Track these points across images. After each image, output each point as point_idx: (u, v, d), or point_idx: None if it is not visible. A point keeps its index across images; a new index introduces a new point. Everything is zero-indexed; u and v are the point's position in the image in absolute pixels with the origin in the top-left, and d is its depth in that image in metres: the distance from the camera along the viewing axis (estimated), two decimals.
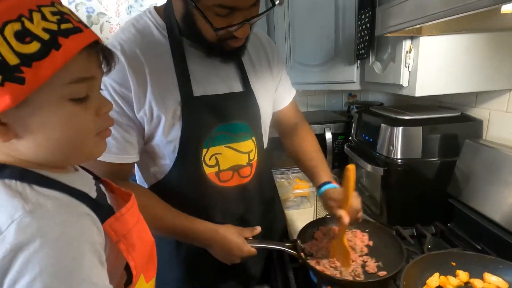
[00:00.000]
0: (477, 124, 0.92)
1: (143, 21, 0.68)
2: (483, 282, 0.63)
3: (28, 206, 0.33)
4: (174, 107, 0.66)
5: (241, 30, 0.60)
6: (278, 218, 0.93)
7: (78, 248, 0.34)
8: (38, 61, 0.32)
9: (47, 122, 0.35)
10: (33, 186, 0.35)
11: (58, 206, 0.35)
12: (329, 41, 1.18)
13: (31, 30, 0.32)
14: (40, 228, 0.32)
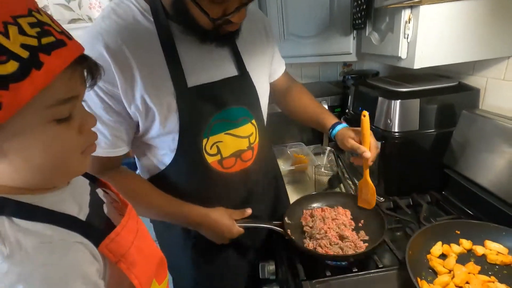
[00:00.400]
0: (474, 93, 0.92)
1: (124, 5, 0.62)
2: (484, 249, 0.66)
3: (6, 249, 0.30)
4: (169, 99, 0.63)
5: (237, 15, 0.57)
6: (281, 198, 0.96)
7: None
8: (16, 83, 0.28)
9: (26, 146, 0.33)
10: (12, 219, 0.32)
11: (40, 245, 0.32)
12: (323, 10, 1.13)
13: (7, 47, 0.28)
14: (20, 275, 0.30)
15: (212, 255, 0.82)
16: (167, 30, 0.62)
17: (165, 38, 0.62)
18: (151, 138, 0.68)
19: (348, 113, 1.23)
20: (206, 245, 0.80)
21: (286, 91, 0.94)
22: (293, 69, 1.71)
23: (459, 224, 0.71)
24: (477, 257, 0.65)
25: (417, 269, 0.63)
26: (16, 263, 0.30)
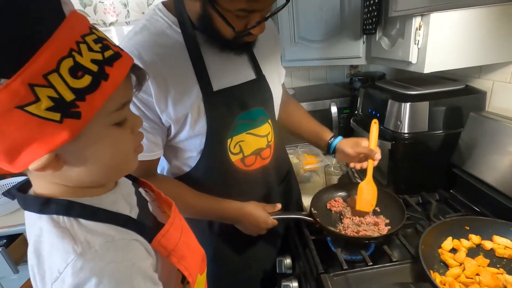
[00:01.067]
0: (481, 95, 0.96)
1: (154, 20, 0.67)
2: (493, 243, 0.70)
3: (79, 248, 0.34)
4: (198, 103, 0.68)
5: (258, 28, 0.62)
6: (294, 190, 1.00)
7: (130, 282, 0.36)
8: (90, 94, 0.32)
9: (97, 150, 0.37)
10: (79, 221, 0.36)
11: (105, 244, 0.36)
12: (334, 15, 1.17)
13: (81, 63, 0.32)
14: (92, 269, 0.34)
15: (232, 251, 0.86)
16: (194, 39, 0.67)
17: (192, 47, 0.67)
18: (180, 141, 0.72)
19: (357, 115, 1.27)
20: (227, 242, 0.84)
21: (283, 104, 0.96)
22: (301, 71, 1.75)
23: (468, 220, 0.75)
24: (486, 251, 0.70)
25: (430, 262, 0.67)
26: (88, 260, 0.34)
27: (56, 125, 0.31)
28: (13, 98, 0.29)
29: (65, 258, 0.34)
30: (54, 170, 0.35)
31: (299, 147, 1.39)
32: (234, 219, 0.78)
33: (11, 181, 1.41)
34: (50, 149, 0.32)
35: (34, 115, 0.30)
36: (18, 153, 0.32)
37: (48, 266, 0.35)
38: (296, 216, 0.87)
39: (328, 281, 0.68)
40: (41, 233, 0.36)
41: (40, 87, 0.30)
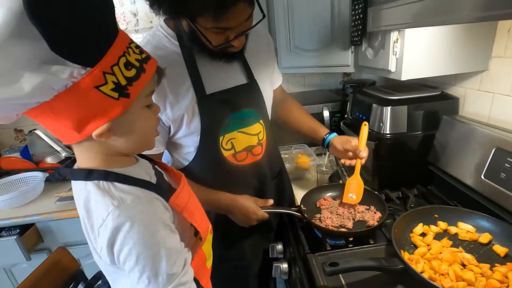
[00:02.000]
0: (454, 101, 1.07)
1: (157, 36, 0.79)
2: (457, 229, 0.80)
3: (115, 202, 0.47)
4: (192, 105, 0.78)
5: (237, 41, 0.71)
6: (286, 187, 1.10)
7: (154, 227, 0.48)
8: (135, 81, 0.46)
9: (136, 124, 0.50)
10: (114, 184, 0.49)
11: (135, 199, 0.48)
12: (325, 28, 1.29)
13: (130, 60, 0.45)
14: (126, 216, 0.46)
15: (229, 239, 0.96)
16: (189, 50, 0.78)
17: (187, 57, 0.78)
18: (178, 138, 0.83)
19: (347, 118, 1.38)
20: (224, 230, 0.94)
21: (280, 102, 1.08)
22: (298, 78, 1.87)
23: (438, 209, 0.85)
24: (451, 235, 0.80)
25: (401, 244, 0.77)
26: (123, 210, 0.46)
27: (114, 101, 0.44)
28: (94, 80, 0.42)
29: (107, 209, 0.46)
30: (106, 138, 0.47)
31: (293, 148, 1.50)
32: (227, 209, 0.88)
33: (25, 176, 1.51)
34: (108, 119, 0.45)
35: (103, 93, 0.43)
36: (87, 123, 0.44)
37: (95, 216, 0.47)
38: (286, 210, 0.95)
39: (313, 259, 0.78)
40: (89, 195, 0.48)
41: (108, 74, 0.43)
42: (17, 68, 0.37)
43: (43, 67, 0.38)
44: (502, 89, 0.92)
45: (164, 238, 0.49)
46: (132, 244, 0.46)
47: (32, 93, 0.39)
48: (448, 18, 0.57)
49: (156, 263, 0.48)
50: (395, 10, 0.69)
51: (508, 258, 0.70)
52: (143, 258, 0.47)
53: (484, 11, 0.51)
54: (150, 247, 0.47)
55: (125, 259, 0.47)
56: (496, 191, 0.80)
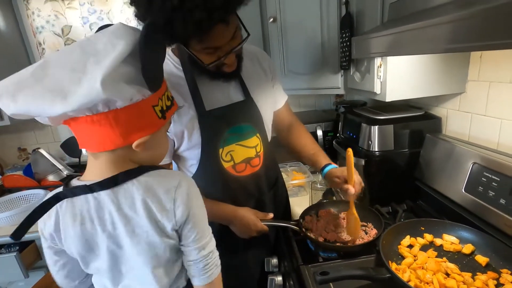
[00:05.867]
0: (437, 121, 1.15)
1: (164, 63, 0.87)
2: (442, 240, 0.85)
3: (176, 173, 0.66)
4: (192, 121, 0.86)
5: (228, 58, 0.79)
6: (283, 196, 1.15)
7: (200, 194, 0.67)
8: (169, 110, 0.61)
9: (159, 142, 0.62)
10: (160, 170, 0.63)
11: (184, 176, 0.65)
12: (317, 53, 1.39)
13: (168, 95, 0.62)
14: (188, 177, 0.65)
15: (229, 250, 0.99)
16: (191, 73, 0.87)
17: (189, 79, 0.87)
18: (182, 151, 0.90)
19: (339, 137, 1.45)
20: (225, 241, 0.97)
21: (288, 128, 1.13)
22: (292, 99, 1.94)
23: (424, 222, 0.90)
24: (436, 246, 0.84)
25: (390, 255, 0.81)
26: (183, 174, 0.67)
27: (157, 120, 0.58)
28: (152, 101, 0.56)
29: (174, 178, 0.62)
30: (141, 149, 0.58)
31: (288, 165, 1.55)
32: (228, 220, 0.92)
33: (27, 193, 1.55)
34: (150, 133, 0.57)
35: (155, 112, 0.57)
36: (134, 132, 0.55)
37: (164, 192, 0.59)
38: (285, 224, 0.99)
39: (305, 270, 0.82)
40: (147, 183, 0.59)
41: (160, 100, 0.58)
42: (122, 80, 0.51)
43: (132, 84, 0.52)
44: (479, 110, 1.00)
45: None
46: (200, 204, 0.66)
47: (125, 98, 0.52)
48: (420, 48, 0.65)
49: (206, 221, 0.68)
50: (375, 41, 0.77)
51: (489, 267, 0.74)
52: (203, 215, 0.67)
53: (450, 43, 0.59)
54: (204, 208, 0.68)
55: (196, 214, 0.64)
56: (476, 204, 0.85)
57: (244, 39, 0.79)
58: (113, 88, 0.49)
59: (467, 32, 0.49)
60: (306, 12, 1.36)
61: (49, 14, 1.63)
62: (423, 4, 0.72)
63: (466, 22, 0.49)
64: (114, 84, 0.49)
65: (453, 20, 0.51)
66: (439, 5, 0.67)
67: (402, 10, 0.83)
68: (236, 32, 0.76)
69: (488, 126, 0.97)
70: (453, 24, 0.52)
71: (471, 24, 0.48)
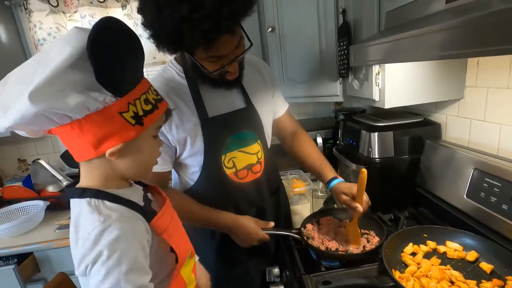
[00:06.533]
0: (436, 127, 1.15)
1: (167, 70, 0.90)
2: (445, 247, 0.84)
3: (102, 217, 0.52)
4: (195, 127, 0.87)
5: (231, 67, 0.80)
6: (284, 204, 1.14)
7: (131, 241, 0.53)
8: (149, 115, 0.55)
9: (142, 149, 0.57)
10: (104, 202, 0.54)
11: (119, 217, 0.53)
12: (315, 61, 1.40)
13: (148, 98, 0.56)
14: (109, 229, 0.51)
15: (229, 260, 0.99)
16: (194, 80, 0.88)
17: (192, 86, 0.88)
18: (184, 158, 0.90)
19: (339, 144, 1.45)
20: (226, 251, 0.97)
21: (291, 136, 1.13)
22: (292, 107, 1.92)
23: (426, 229, 0.89)
24: (440, 254, 0.83)
25: (393, 263, 0.80)
26: (107, 224, 0.52)
27: (130, 126, 0.53)
28: (119, 107, 0.51)
29: (93, 224, 0.52)
30: (116, 158, 0.54)
31: (289, 173, 1.55)
32: (229, 228, 0.92)
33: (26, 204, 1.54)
34: (122, 141, 0.53)
35: (124, 118, 0.52)
36: (104, 141, 0.51)
37: (81, 232, 0.53)
38: (287, 233, 0.98)
39: (308, 280, 0.80)
40: (80, 211, 0.54)
41: (131, 105, 0.53)
42: (68, 89, 0.47)
43: (85, 91, 0.49)
44: (478, 115, 1.00)
45: (136, 256, 0.53)
46: (105, 256, 0.50)
47: (73, 108, 0.48)
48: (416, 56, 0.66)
49: (123, 282, 0.51)
50: (372, 48, 0.78)
51: (494, 275, 0.73)
52: (112, 273, 0.50)
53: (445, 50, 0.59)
54: (121, 264, 0.51)
55: (96, 271, 0.51)
56: (478, 210, 0.85)
57: (247, 48, 0.81)
58: (50, 99, 0.46)
59: (460, 39, 0.50)
60: (304, 21, 1.38)
61: (51, 26, 1.65)
62: (419, 13, 0.73)
63: (460, 30, 0.50)
64: (51, 95, 0.46)
65: (447, 27, 0.52)
66: (434, 13, 0.68)
67: (398, 19, 0.84)
68: (240, 41, 0.77)
69: (488, 131, 0.97)
70: (447, 32, 0.53)
71: (464, 32, 0.49)
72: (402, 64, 1.01)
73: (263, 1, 1.49)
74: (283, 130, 1.14)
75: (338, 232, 0.97)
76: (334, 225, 1.02)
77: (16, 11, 1.69)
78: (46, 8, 1.63)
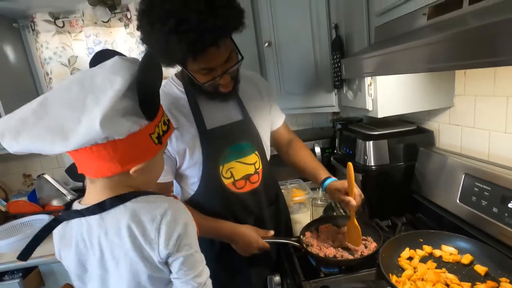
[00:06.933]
0: (430, 134, 1.19)
1: (168, 85, 0.96)
2: (441, 251, 0.86)
3: (164, 202, 0.60)
4: (194, 139, 0.91)
5: (222, 79, 0.84)
6: (283, 213, 1.17)
7: (192, 221, 0.64)
8: (166, 134, 0.63)
9: (156, 165, 0.64)
10: (149, 196, 0.61)
11: (170, 201, 0.62)
12: (310, 74, 1.46)
13: (164, 120, 0.63)
14: (177, 207, 0.62)
15: (230, 269, 1.00)
16: (193, 95, 0.92)
17: (191, 100, 0.93)
18: (184, 169, 0.94)
19: (336, 153, 1.48)
20: (226, 258, 0.99)
21: (287, 145, 1.18)
22: (290, 118, 2.01)
23: (422, 234, 0.91)
24: (435, 257, 0.85)
25: (390, 268, 0.82)
26: (172, 203, 0.61)
27: (154, 146, 0.60)
28: (149, 130, 0.58)
29: (161, 208, 0.59)
30: (138, 174, 0.59)
31: (289, 183, 1.58)
32: (229, 237, 0.94)
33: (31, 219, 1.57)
34: (147, 159, 0.59)
35: (152, 139, 0.59)
36: (132, 160, 0.56)
37: (149, 221, 0.57)
38: (286, 241, 1.01)
39: (307, 286, 0.82)
40: (133, 210, 0.58)
41: (156, 127, 0.60)
42: (120, 116, 0.53)
43: (129, 116, 0.54)
44: (468, 122, 1.04)
45: (194, 232, 0.64)
46: (190, 224, 0.61)
47: (122, 132, 0.54)
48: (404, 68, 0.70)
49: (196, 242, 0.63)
50: (362, 62, 0.82)
51: (488, 277, 0.75)
52: (194, 236, 0.62)
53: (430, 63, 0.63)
54: (194, 228, 0.63)
55: (187, 238, 0.60)
56: (471, 214, 0.87)
57: (237, 62, 0.85)
58: (111, 125, 0.51)
59: (445, 53, 0.54)
60: (299, 36, 1.44)
61: (57, 46, 1.72)
62: (405, 27, 0.78)
63: (443, 44, 0.54)
64: (112, 121, 0.51)
65: (430, 43, 0.56)
66: (419, 28, 0.73)
67: (387, 33, 0.89)
68: (230, 55, 0.82)
69: (478, 137, 1.00)
70: (430, 46, 0.57)
71: (448, 46, 0.53)
72: (391, 77, 1.05)
73: (259, 17, 1.56)
74: (280, 140, 1.18)
75: (337, 238, 1.00)
76: (332, 232, 1.04)
77: (24, 32, 1.77)
78: (53, 29, 1.70)
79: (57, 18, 1.71)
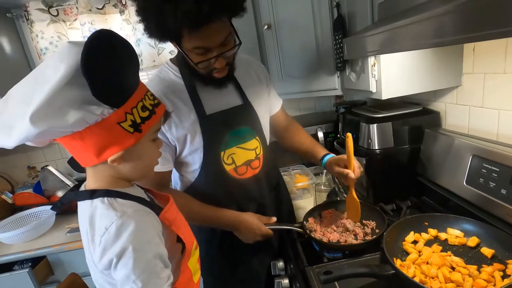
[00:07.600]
0: (436, 115, 1.15)
1: (163, 71, 0.93)
2: (446, 234, 0.84)
3: (118, 213, 0.55)
4: (194, 125, 0.89)
5: (217, 62, 0.82)
6: (285, 199, 1.16)
7: (150, 232, 0.57)
8: (147, 121, 0.57)
9: (143, 153, 0.59)
10: (117, 200, 0.57)
11: (134, 212, 0.57)
12: (312, 56, 1.41)
13: (145, 105, 0.57)
14: (126, 223, 0.54)
15: (234, 256, 1.01)
16: (190, 79, 0.90)
17: (188, 85, 0.90)
18: (184, 156, 0.92)
19: (339, 137, 1.46)
20: (228, 246, 0.99)
21: (285, 129, 1.17)
22: (292, 103, 1.98)
23: (427, 217, 0.89)
24: (441, 241, 0.83)
25: (394, 252, 0.81)
26: (125, 219, 0.55)
27: (129, 134, 0.55)
28: (117, 118, 0.53)
29: (111, 219, 0.55)
30: (118, 163, 0.57)
31: (291, 169, 1.56)
32: (232, 225, 0.94)
33: (37, 210, 1.59)
34: (122, 149, 0.55)
35: (123, 128, 0.54)
36: (105, 149, 0.54)
37: (97, 228, 0.55)
38: (289, 227, 1.00)
39: (311, 272, 0.82)
40: (95, 210, 0.57)
41: (128, 114, 0.54)
42: (66, 106, 0.49)
43: (83, 106, 0.50)
44: (476, 102, 1.00)
45: (157, 245, 0.58)
46: (131, 249, 0.53)
47: (73, 125, 0.50)
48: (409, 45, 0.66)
49: (151, 267, 0.55)
50: (365, 40, 0.78)
51: (495, 259, 0.74)
52: (139, 261, 0.54)
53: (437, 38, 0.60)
54: (146, 252, 0.55)
55: (124, 264, 0.53)
56: (478, 196, 0.85)
57: (235, 45, 0.82)
58: (50, 118, 0.47)
59: (451, 26, 0.50)
60: (299, 17, 1.38)
61: (52, 35, 1.69)
62: (410, 2, 0.73)
63: (451, 16, 0.50)
64: (51, 114, 0.47)
65: (437, 15, 0.53)
66: (424, 1, 0.68)
67: (391, 9, 0.84)
68: (228, 38, 0.79)
69: (486, 117, 0.96)
70: (438, 19, 0.53)
71: (456, 18, 0.49)
72: (397, 55, 1.01)
73: None
74: (277, 124, 1.16)
75: (340, 223, 0.99)
76: (336, 217, 1.03)
77: (18, 22, 1.74)
78: (47, 18, 1.66)
79: (51, 7, 1.67)
